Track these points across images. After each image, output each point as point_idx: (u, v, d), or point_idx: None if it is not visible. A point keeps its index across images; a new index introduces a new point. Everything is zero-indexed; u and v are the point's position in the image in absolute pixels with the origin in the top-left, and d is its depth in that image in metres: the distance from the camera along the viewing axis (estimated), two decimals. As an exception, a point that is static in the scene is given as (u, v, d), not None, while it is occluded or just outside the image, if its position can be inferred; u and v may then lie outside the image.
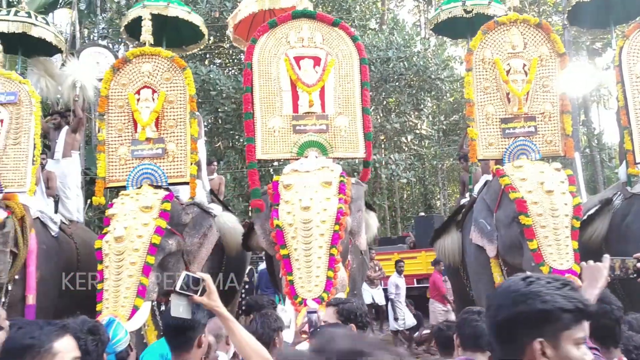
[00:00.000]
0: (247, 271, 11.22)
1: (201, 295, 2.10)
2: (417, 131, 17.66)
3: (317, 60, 6.13)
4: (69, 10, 18.17)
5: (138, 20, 6.96)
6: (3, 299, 5.68)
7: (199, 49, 9.24)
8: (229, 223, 6.45)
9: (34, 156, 6.14)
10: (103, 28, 16.80)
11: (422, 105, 16.52)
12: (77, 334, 2.04)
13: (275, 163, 12.24)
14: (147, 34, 6.19)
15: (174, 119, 6.09)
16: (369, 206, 6.24)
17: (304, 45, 6.16)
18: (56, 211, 7.03)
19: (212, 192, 7.51)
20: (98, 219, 11.73)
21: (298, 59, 6.12)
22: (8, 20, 7.15)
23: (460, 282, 6.76)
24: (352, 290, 5.55)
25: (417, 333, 10.39)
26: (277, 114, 6.01)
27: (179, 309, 2.09)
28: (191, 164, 6.03)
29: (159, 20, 7.26)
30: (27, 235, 5.86)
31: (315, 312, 3.17)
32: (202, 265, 5.81)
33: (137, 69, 6.16)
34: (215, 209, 6.77)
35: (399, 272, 10.66)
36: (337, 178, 5.36)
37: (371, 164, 6.44)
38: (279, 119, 5.99)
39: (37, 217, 6.34)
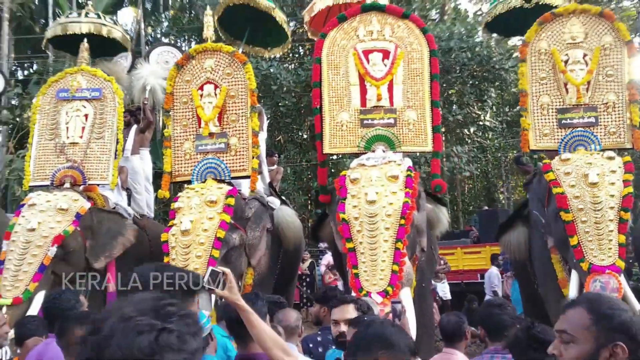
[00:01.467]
0: (307, 264, 11.32)
1: (222, 288, 2.15)
2: (480, 123, 17.20)
3: (386, 54, 6.01)
4: (134, 9, 18.79)
5: (228, 12, 7.05)
6: (85, 288, 5.97)
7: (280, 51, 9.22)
8: (287, 217, 6.48)
9: (116, 150, 6.35)
10: (167, 26, 17.23)
11: (485, 96, 16.06)
12: None
13: (334, 157, 12.21)
14: (208, 30, 6.26)
15: (235, 114, 6.14)
16: (439, 200, 6.14)
17: (373, 39, 6.05)
18: (129, 205, 7.27)
19: (270, 185, 7.58)
20: (163, 212, 12.05)
21: (367, 53, 6.02)
22: (80, 22, 7.47)
23: (527, 277, 6.51)
24: (419, 284, 5.48)
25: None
26: (345, 109, 5.94)
27: (202, 302, 2.15)
28: (252, 157, 6.07)
29: (243, 17, 7.36)
30: None
31: (399, 302, 3.19)
32: (260, 258, 5.90)
33: (200, 65, 6.25)
34: (274, 202, 6.84)
35: (498, 265, 10.57)
36: (403, 172, 5.26)
37: (441, 155, 6.32)
38: (346, 114, 5.93)
39: (114, 209, 6.60)
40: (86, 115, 6.46)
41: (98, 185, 6.34)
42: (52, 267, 5.56)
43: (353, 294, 4.57)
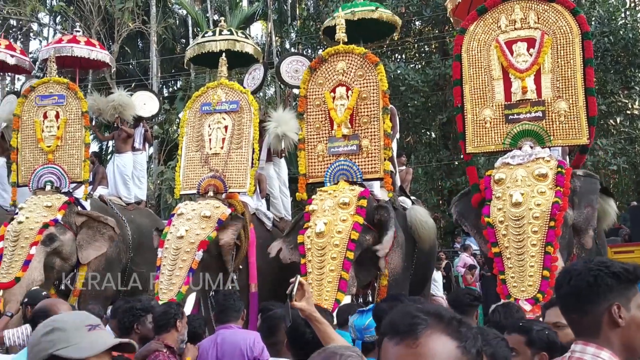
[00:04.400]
0: (443, 265, 11.02)
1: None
2: (628, 112, 15.61)
3: (531, 42, 5.58)
4: (263, 22, 19.63)
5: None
6: (230, 287, 6.30)
7: (385, 45, 9.23)
8: (421, 216, 6.37)
9: (252, 160, 6.62)
10: (296, 36, 17.75)
11: (632, 83, 14.57)
12: None
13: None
14: (341, 32, 6.27)
15: (367, 115, 6.09)
16: (605, 191, 5.58)
17: (516, 28, 5.67)
18: (268, 209, 7.55)
19: (400, 187, 7.45)
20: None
21: (510, 44, 5.65)
22: (215, 40, 7.98)
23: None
24: None
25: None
26: (488, 105, 5.64)
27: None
28: (384, 159, 5.99)
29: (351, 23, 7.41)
30: (247, 229, 6.43)
31: None
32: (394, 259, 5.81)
33: (332, 67, 6.28)
34: (405, 202, 6.70)
35: None
36: (553, 169, 4.89)
37: (588, 150, 5.76)
38: (489, 110, 5.62)
39: (254, 214, 6.92)
40: (226, 127, 6.80)
41: (238, 192, 6.63)
42: (200, 270, 5.91)
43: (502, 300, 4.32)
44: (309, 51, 18.22)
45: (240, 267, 6.40)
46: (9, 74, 10.97)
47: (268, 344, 3.00)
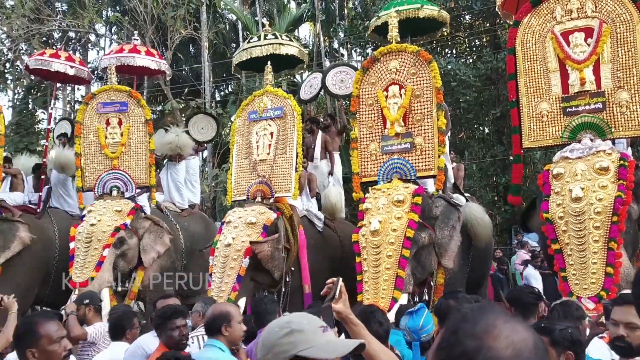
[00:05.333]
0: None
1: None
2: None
3: (588, 32, 5.42)
4: (310, 24, 19.77)
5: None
6: (284, 289, 6.42)
7: (435, 40, 9.16)
8: (476, 213, 6.35)
9: (296, 164, 6.72)
10: (344, 36, 17.79)
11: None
12: None
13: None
14: (393, 31, 6.27)
15: (421, 113, 6.07)
16: None
17: (572, 18, 5.52)
18: (320, 208, 7.62)
19: (454, 184, 7.39)
20: (351, 215, 12.41)
21: (566, 34, 5.51)
22: (260, 45, 8.10)
23: None
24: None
25: None
26: (545, 98, 5.52)
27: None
28: (438, 156, 5.97)
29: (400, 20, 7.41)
30: (296, 232, 6.55)
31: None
32: (453, 258, 5.78)
33: (384, 66, 6.28)
34: (459, 199, 6.67)
35: None
36: (615, 162, 4.73)
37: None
38: (546, 103, 5.50)
39: (304, 215, 7.02)
40: (272, 133, 6.93)
41: (284, 196, 6.76)
42: (249, 276, 6.06)
43: (563, 298, 4.23)
44: (357, 50, 18.25)
45: (293, 269, 6.50)
46: (70, 84, 11.40)
47: None
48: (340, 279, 2.10)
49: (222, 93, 20.47)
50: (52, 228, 8.30)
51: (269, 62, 7.53)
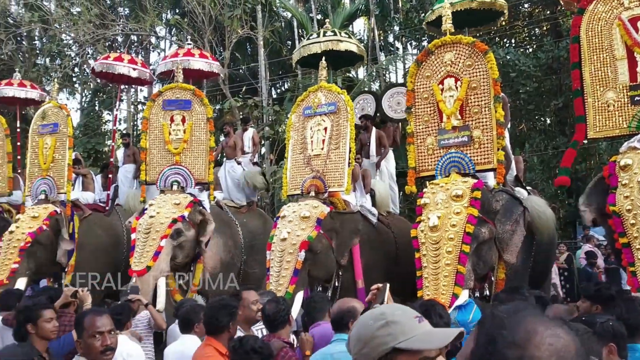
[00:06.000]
0: (564, 257, 10.49)
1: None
2: None
3: None
4: (365, 18, 19.69)
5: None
6: (336, 284, 6.46)
7: (493, 30, 8.93)
8: (538, 207, 6.17)
9: (349, 159, 6.75)
10: (399, 29, 17.63)
11: None
12: None
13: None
14: (447, 23, 6.19)
15: (478, 105, 5.97)
16: None
17: None
18: (374, 204, 7.63)
19: (515, 176, 7.22)
20: (408, 209, 12.34)
21: (635, 21, 5.29)
22: (319, 42, 8.14)
23: None
24: None
25: None
26: (611, 87, 5.33)
27: None
28: (498, 149, 5.85)
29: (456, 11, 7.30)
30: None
31: None
32: (516, 252, 5.64)
33: (439, 59, 6.22)
34: (521, 193, 6.53)
35: None
36: (689, 151, 4.51)
37: None
38: (612, 92, 5.31)
39: (358, 211, 7.00)
40: (325, 129, 6.98)
41: (337, 191, 6.80)
42: (305, 269, 6.12)
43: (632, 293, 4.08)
44: (413, 43, 18.05)
45: (345, 264, 6.52)
46: (133, 86, 11.85)
47: None
48: (388, 285, 2.09)
49: (278, 90, 20.73)
50: (121, 225, 8.70)
51: (323, 58, 7.58)
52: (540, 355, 0.93)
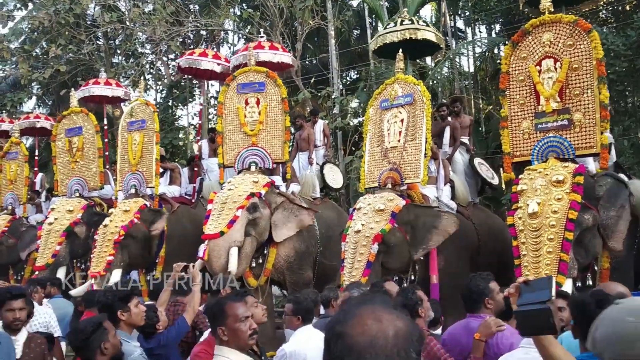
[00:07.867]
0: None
1: None
2: None
3: None
4: (433, 4, 19.23)
5: None
6: (412, 277, 6.44)
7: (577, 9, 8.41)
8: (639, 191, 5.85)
9: (425, 150, 6.64)
10: (474, 13, 17.09)
11: None
12: None
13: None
14: (546, 2, 5.91)
15: (579, 87, 5.73)
16: None
17: None
18: (453, 197, 7.45)
19: (615, 162, 6.86)
20: (484, 198, 11.98)
21: None
22: (397, 31, 7.97)
23: None
24: None
25: None
26: None
27: None
28: (601, 133, 5.57)
29: None
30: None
31: None
32: (623, 240, 5.37)
33: (536, 39, 5.99)
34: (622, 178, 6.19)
35: None
36: None
37: None
38: None
39: (436, 206, 6.89)
40: (402, 120, 6.88)
41: (413, 183, 6.69)
42: (379, 261, 6.09)
43: None
44: (484, 28, 17.47)
45: (421, 258, 6.45)
46: (216, 80, 12.06)
47: None
48: (553, 278, 2.00)
49: (344, 80, 20.60)
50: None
51: (400, 50, 7.46)
52: (353, 333, 1.07)
